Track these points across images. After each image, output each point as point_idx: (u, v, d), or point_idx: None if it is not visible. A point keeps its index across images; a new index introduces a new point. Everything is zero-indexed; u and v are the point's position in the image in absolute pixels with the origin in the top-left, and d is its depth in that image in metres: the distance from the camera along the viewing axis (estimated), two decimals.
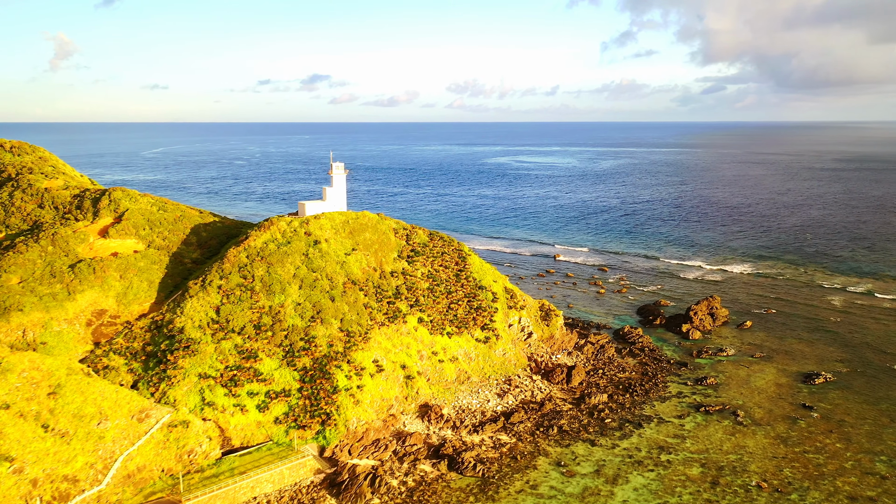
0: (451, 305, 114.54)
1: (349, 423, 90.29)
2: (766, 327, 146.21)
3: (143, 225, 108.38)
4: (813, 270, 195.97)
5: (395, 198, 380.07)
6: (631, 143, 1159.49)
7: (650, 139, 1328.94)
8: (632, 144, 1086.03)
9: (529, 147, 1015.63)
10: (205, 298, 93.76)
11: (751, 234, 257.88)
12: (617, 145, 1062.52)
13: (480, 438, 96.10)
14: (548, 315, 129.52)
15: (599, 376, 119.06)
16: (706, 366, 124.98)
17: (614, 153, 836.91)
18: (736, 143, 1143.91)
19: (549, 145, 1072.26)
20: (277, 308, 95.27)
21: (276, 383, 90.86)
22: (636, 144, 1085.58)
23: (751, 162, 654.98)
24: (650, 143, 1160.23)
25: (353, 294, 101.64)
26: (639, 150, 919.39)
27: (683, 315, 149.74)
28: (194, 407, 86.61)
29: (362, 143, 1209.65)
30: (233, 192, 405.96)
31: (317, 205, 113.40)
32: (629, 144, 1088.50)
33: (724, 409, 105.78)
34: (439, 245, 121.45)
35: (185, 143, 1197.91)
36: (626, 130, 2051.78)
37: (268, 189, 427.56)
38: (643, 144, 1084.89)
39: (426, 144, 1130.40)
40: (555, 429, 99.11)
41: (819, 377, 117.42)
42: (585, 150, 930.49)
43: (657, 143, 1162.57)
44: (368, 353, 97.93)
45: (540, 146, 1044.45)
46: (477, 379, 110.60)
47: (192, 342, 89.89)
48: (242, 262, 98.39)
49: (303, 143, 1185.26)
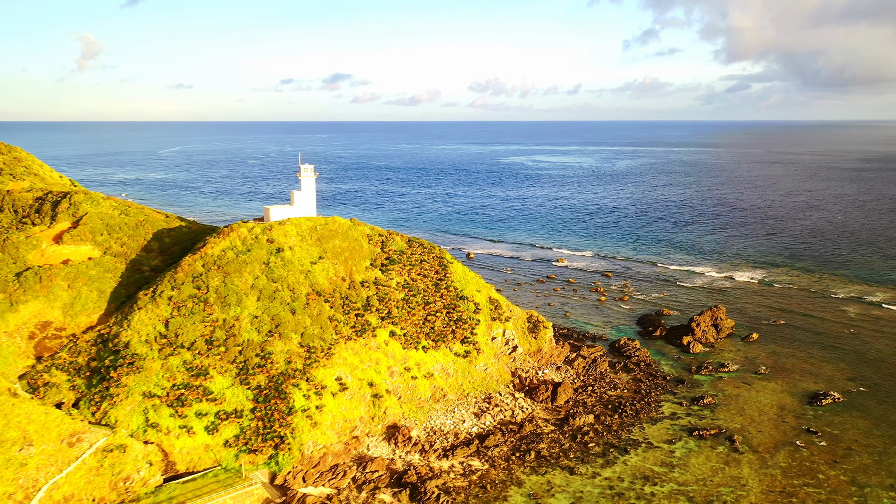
0: (429, 317, 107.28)
1: (304, 448, 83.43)
2: (773, 340, 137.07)
3: (100, 230, 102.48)
4: (828, 278, 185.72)
5: (402, 198, 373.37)
6: (651, 142, 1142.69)
7: (671, 138, 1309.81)
8: (651, 144, 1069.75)
9: (547, 146, 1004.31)
10: (154, 310, 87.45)
11: (765, 237, 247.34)
12: (636, 144, 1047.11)
13: (450, 464, 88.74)
14: (536, 327, 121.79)
15: (588, 394, 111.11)
16: (705, 383, 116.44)
17: (632, 153, 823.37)
18: (758, 142, 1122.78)
19: (567, 144, 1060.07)
20: (232, 321, 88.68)
21: (227, 403, 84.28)
22: (656, 144, 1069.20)
23: (771, 161, 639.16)
24: (670, 142, 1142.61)
25: (318, 306, 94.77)
26: (658, 149, 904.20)
27: (685, 326, 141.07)
28: (137, 428, 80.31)
29: (379, 142, 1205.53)
30: (239, 192, 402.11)
31: (283, 210, 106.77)
32: (648, 144, 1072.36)
33: (720, 434, 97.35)
34: (418, 252, 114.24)
35: (203, 142, 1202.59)
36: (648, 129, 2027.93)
37: (276, 188, 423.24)
38: (663, 144, 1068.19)
39: (443, 144, 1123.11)
40: (532, 454, 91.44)
41: (827, 398, 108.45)
42: (603, 149, 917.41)
43: (677, 142, 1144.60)
44: (331, 371, 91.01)
45: (558, 145, 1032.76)
46: (454, 397, 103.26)
47: (138, 358, 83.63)
48: (197, 271, 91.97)
49: (320, 143, 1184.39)
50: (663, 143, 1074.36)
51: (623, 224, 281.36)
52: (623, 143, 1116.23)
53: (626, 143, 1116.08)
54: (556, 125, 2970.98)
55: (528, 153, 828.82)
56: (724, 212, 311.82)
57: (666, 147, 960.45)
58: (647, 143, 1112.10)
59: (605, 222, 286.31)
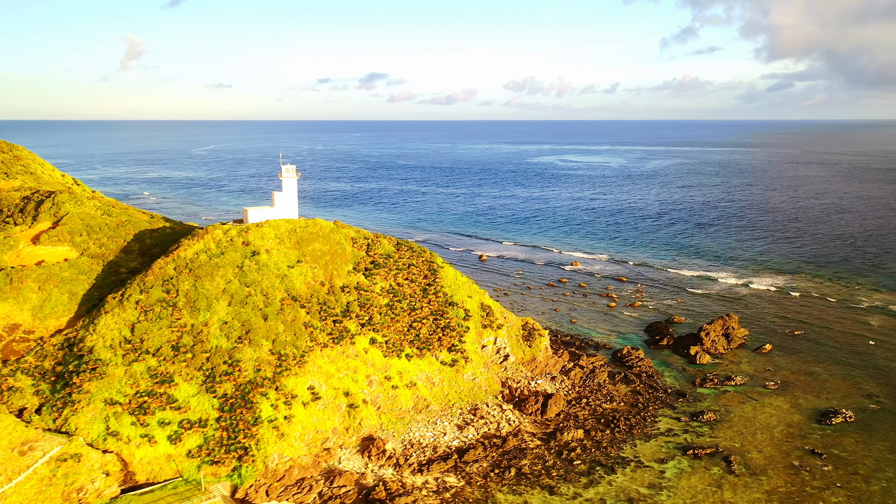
0: (414, 324, 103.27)
1: (269, 460, 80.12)
2: (787, 352, 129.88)
3: (79, 231, 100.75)
4: (854, 286, 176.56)
5: (423, 198, 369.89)
6: (686, 142, 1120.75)
7: (708, 138, 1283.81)
8: (686, 143, 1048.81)
9: (579, 146, 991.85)
10: (120, 315, 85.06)
11: (789, 242, 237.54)
12: (670, 144, 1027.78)
13: (424, 480, 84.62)
14: (531, 335, 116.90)
15: (582, 406, 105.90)
16: (708, 397, 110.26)
17: (665, 152, 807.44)
18: (797, 142, 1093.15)
19: (600, 144, 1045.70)
20: (201, 327, 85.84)
21: (192, 412, 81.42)
22: (691, 144, 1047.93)
23: (807, 162, 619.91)
24: (707, 142, 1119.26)
25: (293, 312, 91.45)
26: (692, 149, 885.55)
27: (694, 335, 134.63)
28: (97, 437, 77.87)
29: (411, 141, 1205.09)
30: (263, 191, 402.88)
31: (263, 211, 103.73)
32: (684, 143, 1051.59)
33: (717, 454, 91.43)
34: (406, 256, 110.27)
35: (237, 140, 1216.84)
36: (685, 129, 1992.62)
37: (302, 188, 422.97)
38: (699, 144, 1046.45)
39: (475, 143, 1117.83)
40: (513, 470, 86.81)
41: (837, 416, 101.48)
42: (636, 148, 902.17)
43: (714, 142, 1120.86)
44: (303, 379, 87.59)
45: (590, 145, 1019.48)
46: (438, 407, 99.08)
47: (101, 364, 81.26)
48: (168, 274, 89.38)
49: (352, 141, 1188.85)
50: (698, 143, 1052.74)
51: (643, 226, 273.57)
52: (657, 142, 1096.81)
53: (660, 142, 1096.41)
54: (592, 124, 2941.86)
55: (559, 153, 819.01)
56: (750, 214, 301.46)
57: (700, 147, 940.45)
58: (681, 142, 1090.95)
59: (626, 224, 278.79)
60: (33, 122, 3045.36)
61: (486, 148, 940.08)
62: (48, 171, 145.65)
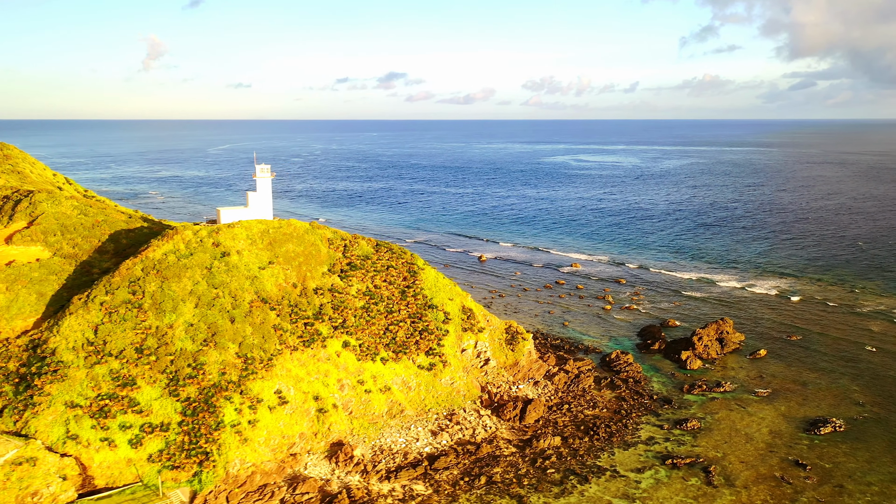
0: (390, 327, 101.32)
1: (230, 466, 78.58)
2: (782, 357, 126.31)
3: (53, 230, 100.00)
4: (858, 290, 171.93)
5: (430, 197, 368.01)
6: (703, 141, 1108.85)
7: (726, 137, 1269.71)
8: (703, 143, 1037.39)
9: (594, 146, 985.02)
10: (84, 316, 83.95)
11: (796, 244, 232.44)
12: (687, 144, 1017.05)
13: (391, 487, 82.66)
14: (514, 338, 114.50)
15: (563, 413, 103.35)
16: (695, 404, 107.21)
17: (681, 152, 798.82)
18: (819, 141, 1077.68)
19: (615, 144, 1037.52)
20: (165, 329, 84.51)
21: (154, 415, 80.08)
22: (708, 143, 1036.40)
23: (825, 162, 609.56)
24: (724, 141, 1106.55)
25: (262, 314, 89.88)
26: (709, 149, 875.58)
27: (686, 340, 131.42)
28: (57, 440, 76.73)
29: (426, 140, 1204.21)
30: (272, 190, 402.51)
31: (236, 212, 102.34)
32: (700, 143, 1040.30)
33: (696, 463, 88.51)
34: (385, 258, 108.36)
35: (254, 140, 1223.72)
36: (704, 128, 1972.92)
37: (310, 186, 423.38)
38: (716, 143, 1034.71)
39: (489, 142, 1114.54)
40: (483, 479, 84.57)
41: (827, 425, 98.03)
42: (652, 148, 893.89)
43: (732, 141, 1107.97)
44: (270, 383, 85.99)
45: (606, 144, 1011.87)
46: (413, 412, 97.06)
47: (62, 366, 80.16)
48: (135, 275, 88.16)
49: (367, 141, 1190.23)
50: (715, 143, 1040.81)
51: (648, 227, 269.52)
52: (673, 142, 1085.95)
53: (677, 142, 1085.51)
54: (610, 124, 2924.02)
55: (573, 152, 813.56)
56: (757, 215, 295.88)
57: (717, 147, 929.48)
58: (698, 142, 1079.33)
59: (630, 225, 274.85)
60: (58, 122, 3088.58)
61: (499, 147, 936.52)
62: (38, 170, 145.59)
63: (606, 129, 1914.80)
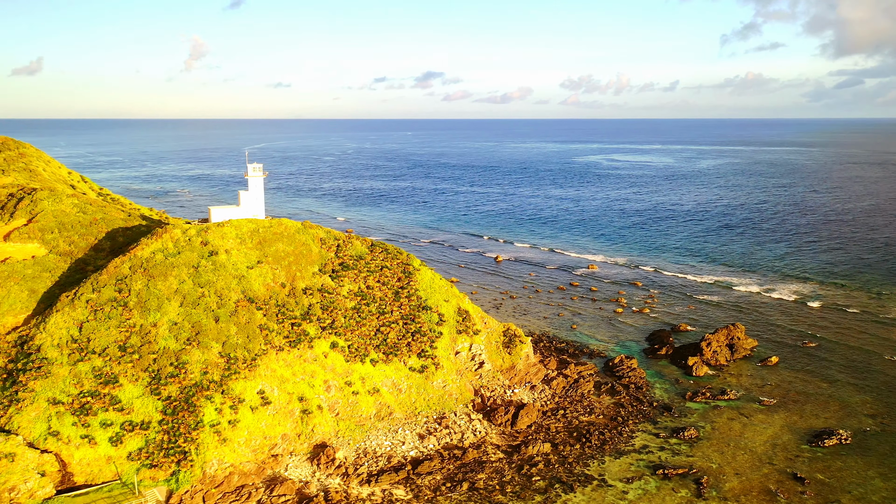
0: (382, 328, 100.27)
1: (207, 466, 78.35)
2: (795, 365, 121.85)
3: (51, 228, 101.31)
4: (886, 296, 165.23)
5: (455, 197, 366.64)
6: (742, 141, 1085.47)
7: (767, 137, 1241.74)
8: (742, 143, 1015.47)
9: (629, 145, 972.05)
10: (70, 313, 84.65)
11: (827, 247, 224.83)
12: (724, 143, 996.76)
13: (370, 491, 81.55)
14: (511, 341, 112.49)
15: (558, 418, 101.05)
16: (696, 412, 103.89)
17: (717, 152, 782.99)
18: (864, 141, 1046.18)
19: (650, 143, 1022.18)
20: (149, 327, 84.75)
21: (135, 413, 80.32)
22: (746, 143, 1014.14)
23: (869, 163, 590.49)
24: (764, 140, 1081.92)
25: (247, 314, 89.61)
26: (747, 148, 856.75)
27: (694, 345, 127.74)
28: (39, 436, 77.44)
29: (459, 139, 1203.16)
30: (296, 189, 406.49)
31: (228, 211, 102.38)
32: (739, 143, 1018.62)
33: (688, 474, 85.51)
34: (380, 258, 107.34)
35: (289, 138, 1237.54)
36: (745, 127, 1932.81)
37: (337, 186, 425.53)
38: (755, 143, 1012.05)
39: (522, 142, 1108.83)
40: (466, 485, 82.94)
41: (832, 437, 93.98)
42: (687, 148, 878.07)
43: (772, 140, 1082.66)
44: (253, 383, 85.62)
45: (641, 144, 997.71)
46: (402, 415, 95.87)
47: (46, 362, 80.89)
48: (123, 273, 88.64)
49: (401, 140, 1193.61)
50: (754, 142, 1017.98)
51: (671, 229, 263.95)
52: (710, 141, 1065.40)
53: (714, 141, 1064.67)
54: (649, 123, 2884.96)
55: (606, 152, 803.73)
56: (786, 217, 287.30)
57: (755, 146, 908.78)
58: (736, 141, 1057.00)
59: (653, 227, 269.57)
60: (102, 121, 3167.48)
61: (531, 147, 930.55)
62: (52, 168, 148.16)
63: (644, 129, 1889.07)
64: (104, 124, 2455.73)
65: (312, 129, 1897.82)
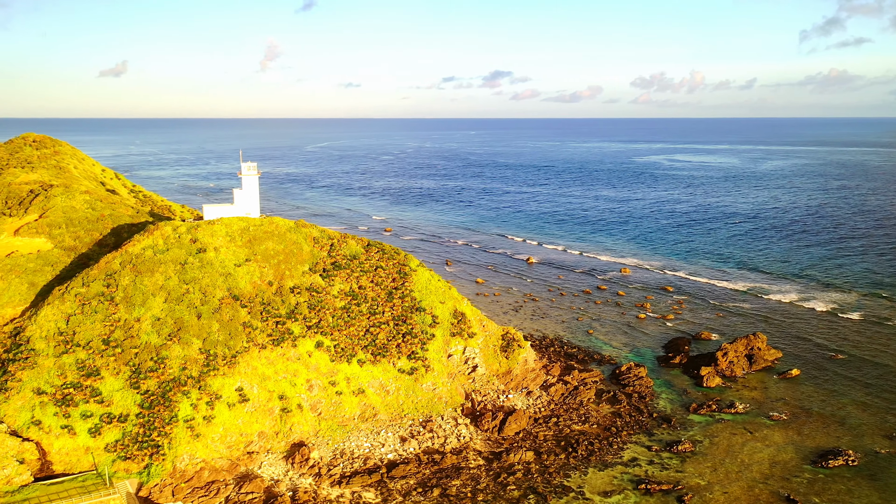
0: (371, 329, 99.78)
1: (178, 460, 79.57)
2: (815, 379, 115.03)
3: (59, 223, 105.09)
4: None
5: (502, 197, 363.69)
6: (817, 141, 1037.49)
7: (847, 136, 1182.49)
8: (816, 143, 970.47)
9: (696, 145, 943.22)
10: (59, 307, 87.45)
11: (876, 255, 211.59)
12: (797, 144, 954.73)
13: (340, 493, 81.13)
14: (509, 345, 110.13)
15: (549, 426, 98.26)
16: (697, 425, 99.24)
17: (786, 152, 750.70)
18: None
19: (719, 143, 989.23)
20: (133, 322, 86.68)
21: (115, 406, 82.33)
22: (822, 143, 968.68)
23: None
24: (842, 141, 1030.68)
25: (231, 311, 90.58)
26: (820, 149, 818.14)
27: (710, 355, 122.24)
28: (23, 424, 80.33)
29: (521, 139, 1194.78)
30: (347, 187, 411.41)
31: (221, 209, 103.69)
32: (813, 143, 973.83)
33: (672, 491, 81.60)
34: (375, 258, 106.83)
35: (352, 137, 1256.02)
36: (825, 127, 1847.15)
37: (387, 184, 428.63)
38: (831, 143, 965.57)
39: (585, 141, 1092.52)
40: (437, 490, 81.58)
41: (839, 457, 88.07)
42: (756, 148, 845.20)
43: (851, 140, 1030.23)
44: (231, 380, 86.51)
45: (708, 144, 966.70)
46: (387, 417, 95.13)
47: (34, 354, 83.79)
48: (113, 268, 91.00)
49: (462, 139, 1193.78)
50: (830, 143, 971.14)
51: (715, 233, 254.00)
52: (782, 142, 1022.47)
53: (787, 141, 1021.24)
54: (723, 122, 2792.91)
55: (670, 152, 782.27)
56: (851, 223, 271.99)
57: (831, 147, 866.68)
58: (811, 142, 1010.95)
59: (697, 230, 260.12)
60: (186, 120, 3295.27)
61: (593, 146, 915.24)
62: (85, 166, 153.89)
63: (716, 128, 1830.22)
64: (179, 123, 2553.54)
65: (377, 129, 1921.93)
